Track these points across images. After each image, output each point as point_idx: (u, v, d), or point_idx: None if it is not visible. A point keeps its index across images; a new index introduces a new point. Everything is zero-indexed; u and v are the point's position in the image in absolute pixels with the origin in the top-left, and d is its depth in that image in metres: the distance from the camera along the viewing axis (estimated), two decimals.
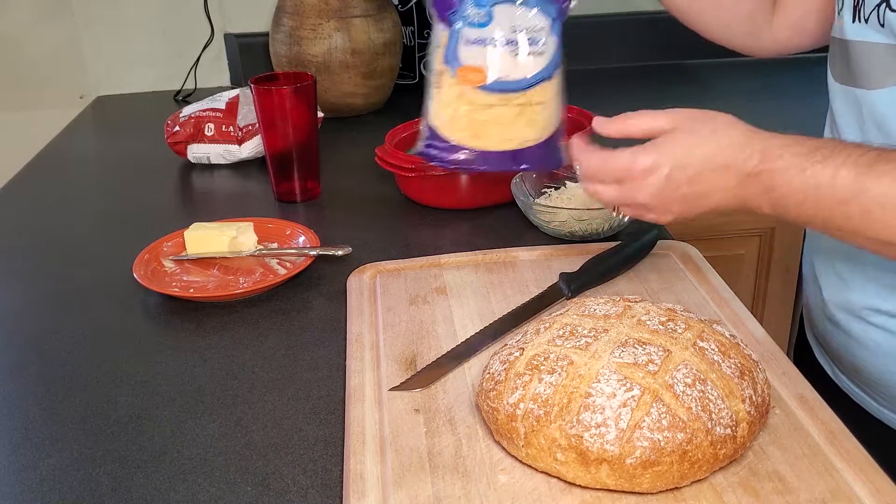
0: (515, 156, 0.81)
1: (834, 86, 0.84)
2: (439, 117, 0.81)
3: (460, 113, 0.80)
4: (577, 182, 1.08)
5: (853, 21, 0.78)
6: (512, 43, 0.78)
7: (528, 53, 0.78)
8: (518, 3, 0.78)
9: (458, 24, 0.79)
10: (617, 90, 1.70)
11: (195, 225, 1.01)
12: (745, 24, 0.98)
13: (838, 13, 0.81)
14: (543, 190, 1.08)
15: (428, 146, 0.82)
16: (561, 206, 1.02)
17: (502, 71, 0.78)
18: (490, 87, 0.78)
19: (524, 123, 0.80)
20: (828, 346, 0.91)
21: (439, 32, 0.81)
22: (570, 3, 0.81)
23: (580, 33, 1.83)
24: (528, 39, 0.78)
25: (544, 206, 1.02)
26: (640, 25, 1.83)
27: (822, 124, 0.94)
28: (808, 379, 0.72)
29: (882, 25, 0.74)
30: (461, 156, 0.80)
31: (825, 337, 0.91)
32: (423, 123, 0.84)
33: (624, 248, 0.91)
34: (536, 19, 0.78)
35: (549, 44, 0.79)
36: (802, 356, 0.98)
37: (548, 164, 0.84)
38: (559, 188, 1.08)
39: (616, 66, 1.83)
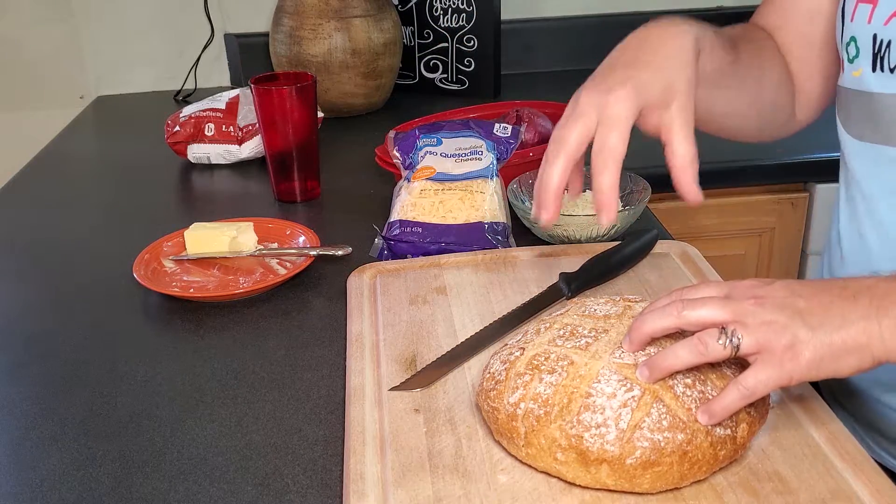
0: (457, 229, 0.97)
1: (851, 144, 0.76)
2: (403, 210, 0.99)
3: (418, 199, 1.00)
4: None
5: (874, 71, 0.71)
6: (455, 155, 1.03)
7: (467, 160, 1.03)
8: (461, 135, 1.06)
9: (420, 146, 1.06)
10: None
11: (195, 225, 1.01)
12: (778, 127, 0.93)
13: (849, 61, 0.74)
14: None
15: (393, 234, 0.97)
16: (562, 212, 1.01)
17: (445, 169, 1.02)
18: (435, 177, 1.01)
19: (468, 205, 0.99)
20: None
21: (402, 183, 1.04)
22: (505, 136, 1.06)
23: (581, 33, 1.83)
24: (468, 152, 1.03)
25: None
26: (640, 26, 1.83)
27: (823, 124, 0.93)
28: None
29: None
30: (418, 229, 0.97)
31: None
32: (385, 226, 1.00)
33: (624, 248, 0.91)
34: (474, 142, 1.05)
35: (487, 157, 1.03)
36: None
37: (482, 243, 0.96)
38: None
39: None
